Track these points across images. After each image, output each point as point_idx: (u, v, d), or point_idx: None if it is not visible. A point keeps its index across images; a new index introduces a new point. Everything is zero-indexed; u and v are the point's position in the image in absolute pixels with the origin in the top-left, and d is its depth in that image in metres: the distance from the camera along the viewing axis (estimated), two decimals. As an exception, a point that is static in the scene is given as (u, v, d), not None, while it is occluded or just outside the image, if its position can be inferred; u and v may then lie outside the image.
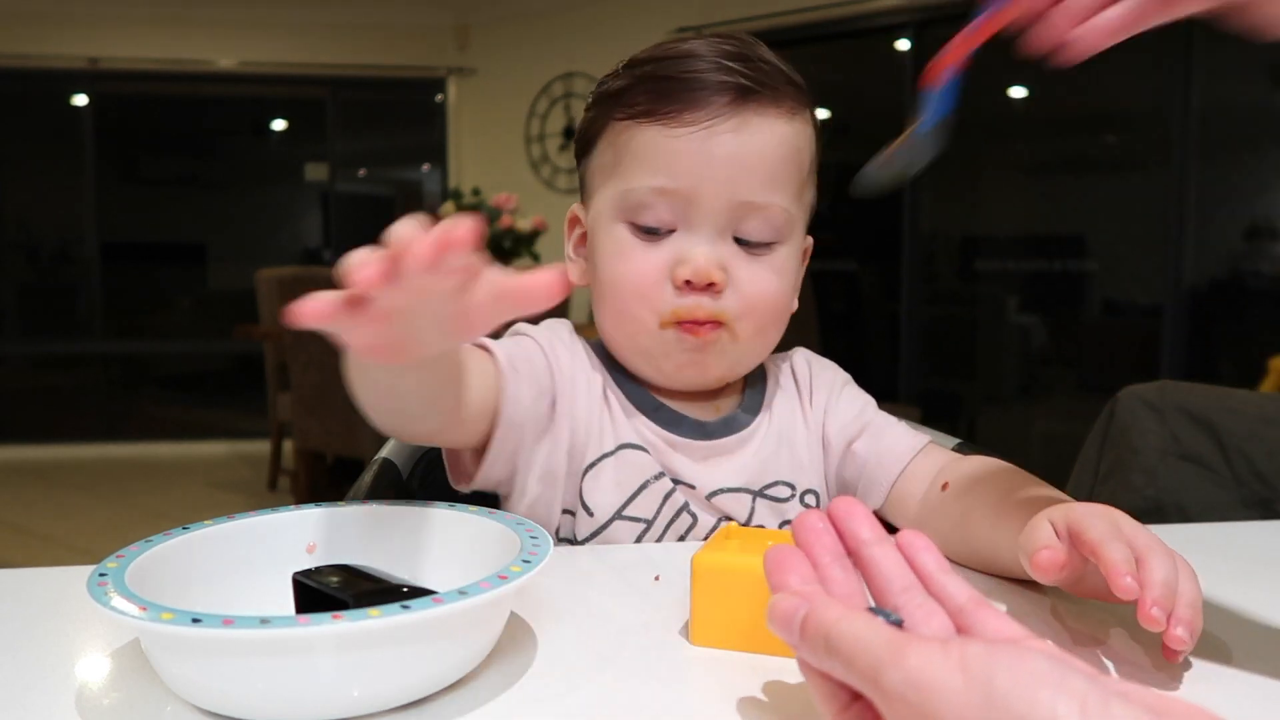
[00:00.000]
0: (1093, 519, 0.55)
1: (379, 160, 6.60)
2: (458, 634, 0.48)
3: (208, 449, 5.56)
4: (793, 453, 0.82)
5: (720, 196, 0.73)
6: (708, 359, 0.76)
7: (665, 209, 0.74)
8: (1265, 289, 3.95)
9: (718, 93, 0.72)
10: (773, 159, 0.74)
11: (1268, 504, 1.32)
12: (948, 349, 4.79)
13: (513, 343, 0.78)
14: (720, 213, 0.73)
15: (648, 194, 0.73)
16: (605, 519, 0.76)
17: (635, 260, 0.75)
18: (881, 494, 0.80)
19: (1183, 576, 0.52)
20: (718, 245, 0.74)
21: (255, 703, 0.45)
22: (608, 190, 0.77)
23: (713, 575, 0.55)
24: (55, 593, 0.65)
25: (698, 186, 0.73)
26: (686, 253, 0.73)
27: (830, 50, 5.00)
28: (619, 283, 0.76)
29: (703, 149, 0.72)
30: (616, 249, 0.76)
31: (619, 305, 0.76)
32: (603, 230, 0.77)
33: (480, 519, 0.60)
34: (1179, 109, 3.84)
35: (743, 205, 0.73)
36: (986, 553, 0.68)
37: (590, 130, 0.79)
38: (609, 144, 0.77)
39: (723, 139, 0.72)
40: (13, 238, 5.99)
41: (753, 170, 0.73)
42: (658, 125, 0.73)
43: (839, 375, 0.87)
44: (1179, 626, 0.49)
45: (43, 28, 5.52)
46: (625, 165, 0.75)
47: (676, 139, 0.72)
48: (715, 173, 0.72)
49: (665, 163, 0.73)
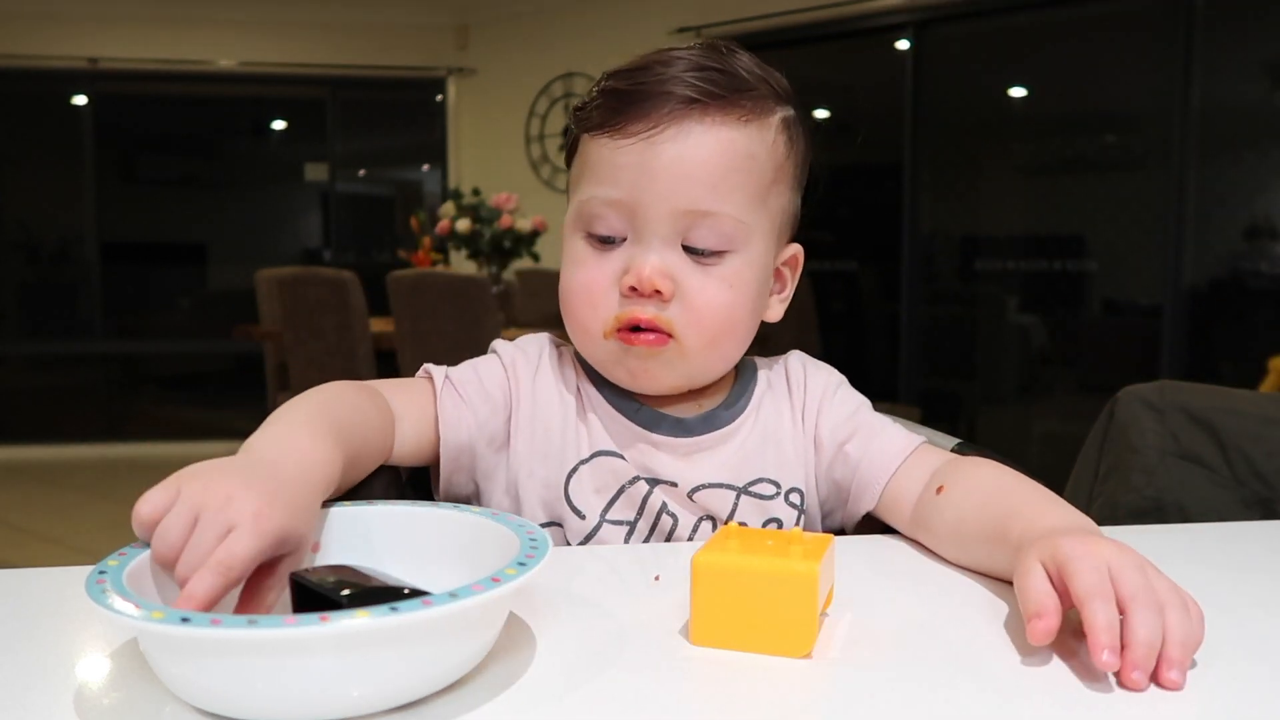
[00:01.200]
0: (1081, 564, 0.54)
1: (379, 160, 6.60)
2: (451, 636, 0.48)
3: (208, 449, 5.53)
4: (779, 451, 0.82)
5: (662, 205, 0.73)
6: (655, 368, 0.77)
7: (615, 219, 0.75)
8: (1265, 289, 3.95)
9: (660, 103, 0.73)
10: (717, 166, 0.73)
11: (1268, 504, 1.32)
12: (948, 349, 4.79)
13: (470, 365, 0.82)
14: (663, 221, 0.74)
15: (599, 204, 0.75)
16: (594, 523, 0.78)
17: (588, 269, 0.77)
18: (874, 495, 0.80)
19: (1171, 611, 0.52)
20: (665, 254, 0.74)
21: (251, 703, 0.45)
22: (571, 202, 0.79)
23: (713, 575, 0.55)
24: (55, 593, 0.65)
25: (639, 196, 0.73)
26: (632, 260, 0.74)
27: (830, 50, 5.00)
28: (572, 291, 0.78)
29: (642, 159, 0.73)
30: (573, 258, 0.78)
31: (571, 313, 0.79)
32: (565, 241, 0.79)
33: (481, 519, 0.60)
34: (1179, 109, 3.84)
35: (687, 214, 0.73)
36: (982, 564, 0.69)
37: (569, 144, 0.82)
38: (577, 156, 0.80)
39: (662, 148, 0.73)
40: (13, 238, 5.99)
41: (694, 179, 0.73)
42: (606, 137, 0.75)
43: (833, 377, 0.87)
44: (1171, 670, 0.50)
45: (43, 28, 5.52)
46: (583, 177, 0.77)
47: (620, 150, 0.74)
48: (655, 182, 0.73)
49: (610, 174, 0.74)
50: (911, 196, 4.60)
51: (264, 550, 0.51)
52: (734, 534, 0.59)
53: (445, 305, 3.24)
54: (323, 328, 3.45)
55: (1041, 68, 4.54)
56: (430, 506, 0.62)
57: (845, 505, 0.83)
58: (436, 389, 0.79)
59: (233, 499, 0.52)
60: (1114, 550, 0.55)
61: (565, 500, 0.78)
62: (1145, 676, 0.50)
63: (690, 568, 0.55)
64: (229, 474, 0.54)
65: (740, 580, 0.54)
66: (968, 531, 0.70)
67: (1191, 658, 0.52)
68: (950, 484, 0.75)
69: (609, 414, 0.80)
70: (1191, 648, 0.52)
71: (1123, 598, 0.52)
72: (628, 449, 0.79)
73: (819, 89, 5.07)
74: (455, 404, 0.78)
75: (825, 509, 0.85)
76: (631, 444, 0.79)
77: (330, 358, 3.46)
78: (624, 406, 0.80)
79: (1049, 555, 0.56)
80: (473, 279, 3.40)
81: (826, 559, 0.56)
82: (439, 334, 3.27)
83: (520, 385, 0.80)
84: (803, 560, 0.54)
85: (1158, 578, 0.54)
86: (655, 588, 0.65)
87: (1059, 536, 0.57)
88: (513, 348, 0.84)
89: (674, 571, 0.66)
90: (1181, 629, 0.51)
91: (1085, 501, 1.44)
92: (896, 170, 4.62)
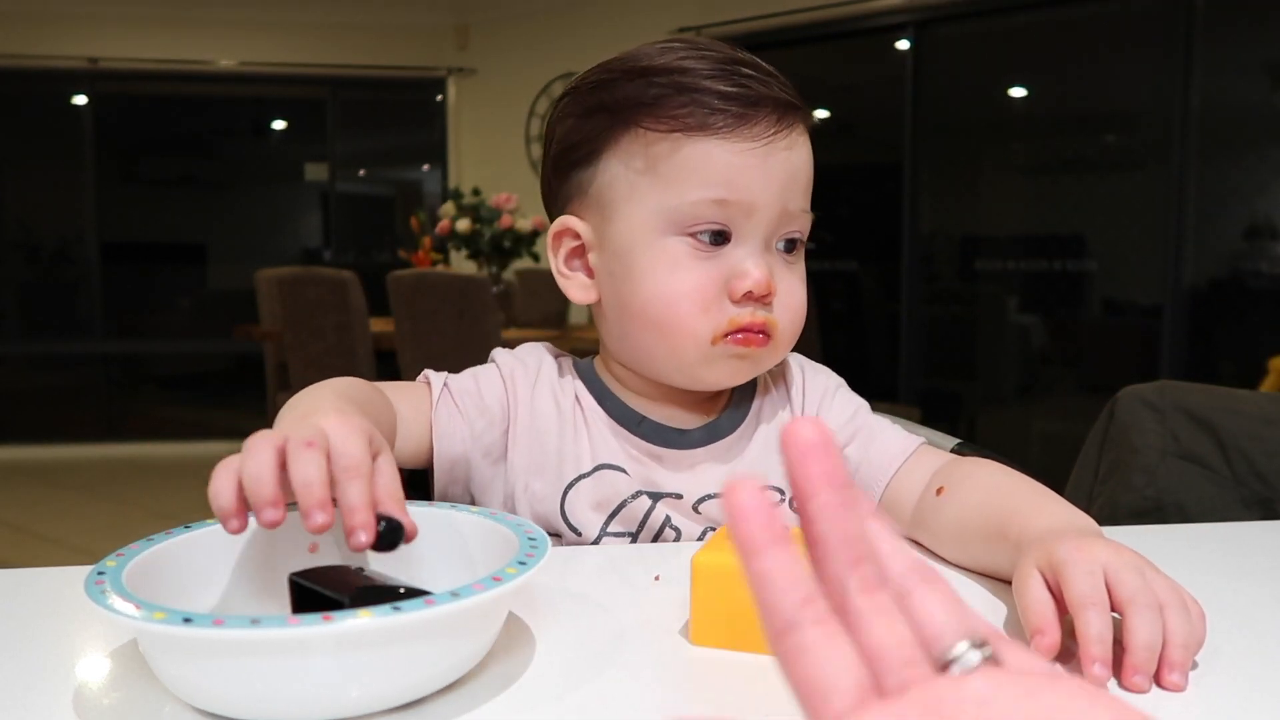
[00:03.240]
0: (1076, 569, 0.54)
1: (379, 160, 6.60)
2: (452, 635, 0.48)
3: (208, 449, 5.56)
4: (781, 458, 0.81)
5: (775, 208, 0.73)
6: (750, 367, 0.77)
7: (720, 220, 0.73)
8: (1265, 289, 3.95)
9: (767, 107, 0.73)
10: (808, 170, 0.76)
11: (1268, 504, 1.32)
12: (948, 349, 4.79)
13: (471, 374, 0.80)
14: (772, 223, 0.74)
15: (708, 205, 0.72)
16: (592, 539, 0.77)
17: (694, 274, 0.73)
18: (874, 497, 0.80)
19: (1171, 612, 0.51)
20: (766, 256, 0.74)
21: (251, 703, 0.45)
22: (646, 202, 0.74)
23: (713, 575, 0.55)
24: (55, 593, 0.65)
25: (757, 198, 0.73)
26: (740, 264, 0.73)
27: (830, 50, 5.00)
28: (675, 297, 0.73)
29: (764, 163, 0.72)
30: (671, 263, 0.73)
31: (671, 320, 0.73)
32: (644, 245, 0.74)
33: (481, 520, 0.60)
34: (1179, 109, 3.84)
35: (788, 215, 0.75)
36: (982, 564, 0.69)
37: (596, 139, 0.76)
38: (635, 154, 0.74)
39: (780, 153, 0.73)
40: (13, 238, 5.99)
41: (799, 182, 0.75)
42: (715, 138, 0.72)
43: (832, 380, 0.87)
44: (1172, 672, 0.50)
45: (43, 28, 5.52)
46: (672, 177, 0.72)
47: (740, 153, 0.72)
48: (771, 185, 0.73)
49: (726, 176, 0.72)
50: (911, 196, 4.60)
51: (364, 444, 0.51)
52: (734, 534, 0.59)
53: (445, 305, 3.23)
54: (323, 328, 3.45)
55: (1041, 68, 4.54)
56: (429, 506, 0.62)
57: None
58: (434, 397, 0.77)
59: (306, 418, 0.51)
60: (1111, 552, 0.55)
61: (561, 516, 0.77)
62: (1147, 680, 0.50)
63: (690, 568, 0.55)
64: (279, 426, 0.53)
65: (740, 580, 0.53)
66: (967, 532, 0.70)
67: (1193, 659, 0.51)
68: (950, 484, 0.75)
69: (610, 427, 0.79)
70: (1193, 649, 0.51)
71: (1121, 600, 0.52)
72: (630, 463, 0.78)
73: (819, 89, 5.07)
74: (450, 415, 0.77)
75: None
76: (634, 458, 0.78)
77: (330, 358, 3.46)
78: (626, 419, 0.79)
79: (1045, 560, 0.56)
80: (473, 279, 3.40)
81: (826, 559, 0.56)
82: (439, 334, 3.27)
83: (518, 397, 0.79)
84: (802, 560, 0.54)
85: (1156, 578, 0.54)
86: (655, 588, 0.65)
87: (1055, 540, 0.57)
88: (512, 358, 0.82)
89: (674, 571, 0.66)
90: (1182, 630, 0.51)
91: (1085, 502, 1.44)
92: (896, 170, 4.62)
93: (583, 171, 0.77)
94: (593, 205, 0.77)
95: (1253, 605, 0.63)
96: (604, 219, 0.76)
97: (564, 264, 0.80)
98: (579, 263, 0.79)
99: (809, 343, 3.85)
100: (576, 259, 0.79)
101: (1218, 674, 0.52)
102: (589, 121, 0.76)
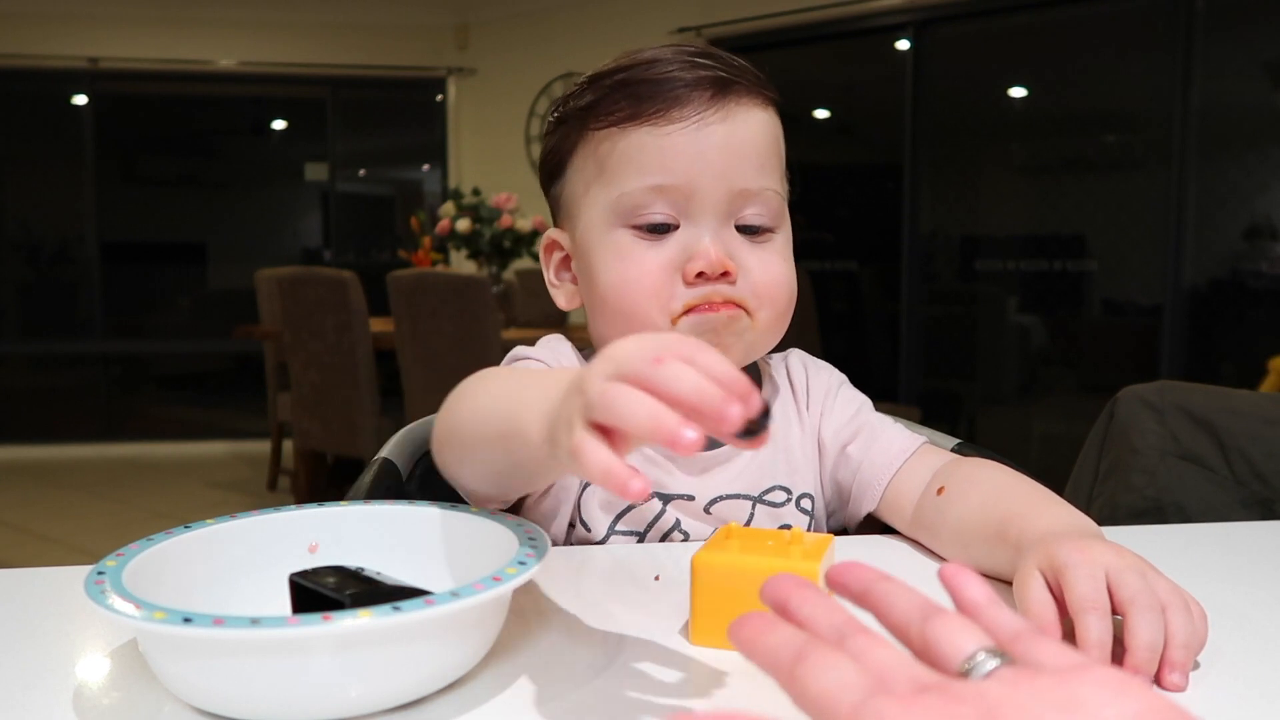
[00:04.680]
0: (1077, 572, 0.54)
1: (379, 160, 6.60)
2: (453, 635, 0.48)
3: (208, 449, 5.56)
4: (789, 457, 0.82)
5: (718, 187, 0.73)
6: (726, 340, 0.74)
7: (664, 206, 0.73)
8: (1265, 289, 3.95)
9: (699, 88, 0.73)
10: (760, 145, 0.75)
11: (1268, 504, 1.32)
12: (948, 349, 4.79)
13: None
14: (720, 203, 0.73)
15: (644, 193, 0.73)
16: (600, 537, 0.77)
17: (641, 260, 0.74)
18: (875, 496, 0.80)
19: (1173, 613, 0.51)
20: (722, 235, 0.74)
21: (250, 703, 0.45)
22: (597, 200, 0.76)
23: (713, 575, 0.55)
24: (55, 593, 0.65)
25: (695, 180, 0.73)
26: (693, 246, 0.73)
27: (830, 50, 5.00)
28: (625, 285, 0.74)
29: (694, 142, 0.72)
30: (618, 253, 0.74)
31: (627, 308, 0.74)
32: (597, 240, 0.76)
33: (480, 519, 0.60)
34: (1179, 109, 3.84)
35: (740, 193, 0.74)
36: (983, 564, 0.68)
37: (560, 150, 0.79)
38: (587, 157, 0.77)
39: (712, 129, 0.73)
40: (13, 237, 5.99)
41: (745, 158, 0.74)
42: (645, 126, 0.73)
43: (834, 377, 0.87)
44: (1173, 673, 0.50)
45: (43, 28, 5.52)
46: (613, 171, 0.75)
47: (667, 136, 0.73)
48: (710, 164, 0.73)
49: (659, 161, 0.73)
50: (911, 196, 4.60)
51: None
52: (734, 534, 0.59)
53: (445, 305, 3.23)
54: (323, 328, 3.45)
55: (1041, 68, 4.54)
56: (429, 506, 0.62)
57: (846, 506, 0.83)
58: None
59: (590, 373, 0.45)
60: (1112, 554, 0.55)
61: (577, 510, 0.77)
62: (1149, 681, 0.50)
63: (690, 568, 0.55)
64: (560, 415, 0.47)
65: (740, 580, 0.54)
66: (968, 532, 0.70)
67: (1194, 659, 0.51)
68: (951, 485, 0.75)
69: None
70: (1194, 649, 0.51)
71: (1122, 601, 0.52)
72: (643, 463, 0.77)
73: (819, 89, 5.08)
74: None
75: (828, 510, 0.85)
76: (647, 458, 0.78)
77: (330, 358, 3.46)
78: None
79: (1046, 562, 0.56)
80: (473, 279, 3.39)
81: (827, 559, 0.56)
82: (439, 334, 3.27)
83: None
84: (803, 560, 0.54)
85: (1158, 579, 0.54)
86: (655, 588, 0.65)
87: (1056, 542, 0.57)
88: (548, 353, 0.81)
89: (674, 571, 0.66)
90: (1183, 631, 0.51)
91: (1085, 502, 1.44)
92: (896, 170, 4.62)
93: (557, 184, 0.81)
94: (565, 214, 0.81)
95: (1253, 605, 0.63)
96: (573, 225, 0.79)
97: (554, 275, 0.83)
98: (567, 273, 0.82)
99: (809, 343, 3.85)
100: (565, 269, 0.83)
101: (1218, 674, 0.52)
102: (554, 136, 0.80)
